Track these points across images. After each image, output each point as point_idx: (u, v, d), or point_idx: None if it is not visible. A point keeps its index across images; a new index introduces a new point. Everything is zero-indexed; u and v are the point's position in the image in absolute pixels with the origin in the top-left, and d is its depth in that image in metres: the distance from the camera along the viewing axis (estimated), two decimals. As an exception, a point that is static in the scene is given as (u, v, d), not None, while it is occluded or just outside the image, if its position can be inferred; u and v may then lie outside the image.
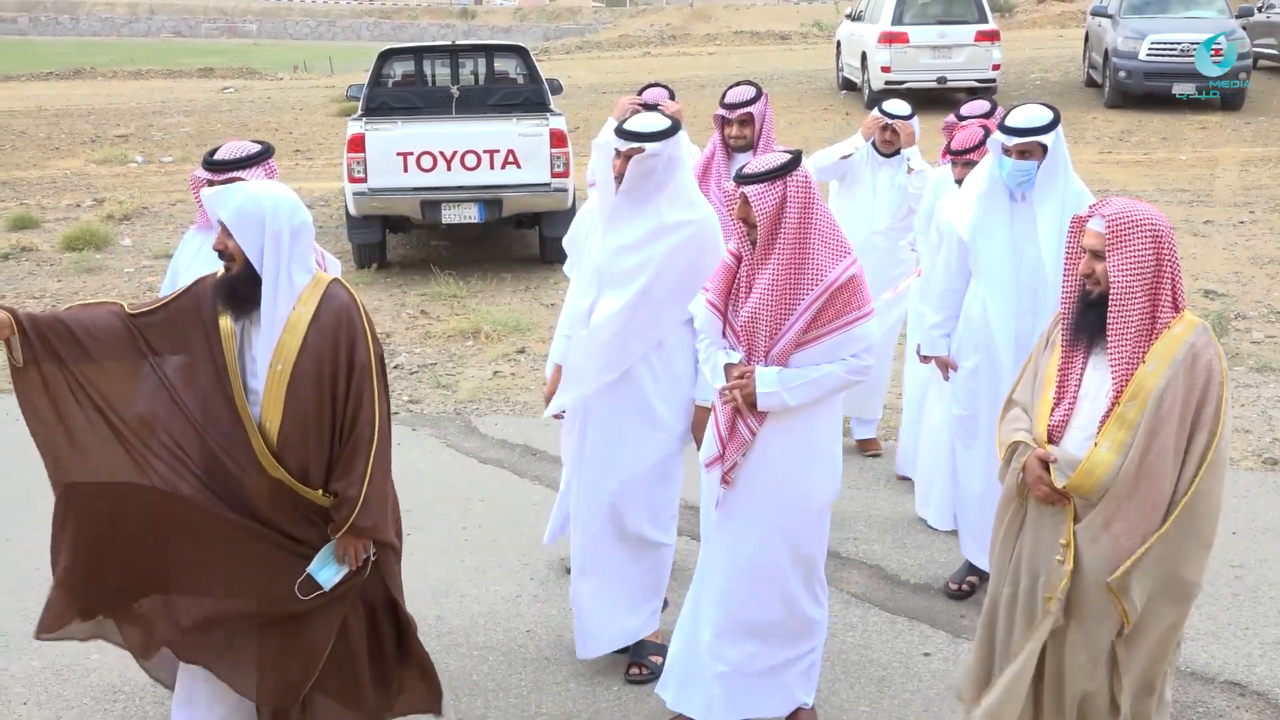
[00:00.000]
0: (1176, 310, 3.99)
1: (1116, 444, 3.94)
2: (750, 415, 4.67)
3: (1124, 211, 3.97)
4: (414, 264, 13.58)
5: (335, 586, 4.34)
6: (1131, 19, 21.32)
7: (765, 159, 4.65)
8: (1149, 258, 3.93)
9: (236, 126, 22.57)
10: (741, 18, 51.72)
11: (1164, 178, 16.61)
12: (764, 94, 6.77)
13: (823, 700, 5.28)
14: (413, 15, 76.68)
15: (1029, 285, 5.70)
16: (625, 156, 5.09)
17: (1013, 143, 5.62)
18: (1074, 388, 4.09)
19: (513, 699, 5.35)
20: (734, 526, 4.81)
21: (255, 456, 4.24)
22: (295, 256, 4.25)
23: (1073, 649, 4.11)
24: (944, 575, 6.35)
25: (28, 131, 22.14)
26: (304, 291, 4.27)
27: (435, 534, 6.95)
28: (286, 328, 4.23)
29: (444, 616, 6.03)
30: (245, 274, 4.22)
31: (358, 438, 4.26)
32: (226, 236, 4.22)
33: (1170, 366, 3.91)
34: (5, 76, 34.20)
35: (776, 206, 4.53)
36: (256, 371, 4.27)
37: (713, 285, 4.78)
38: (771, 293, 4.56)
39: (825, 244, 4.57)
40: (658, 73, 25.90)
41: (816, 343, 4.60)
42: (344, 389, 4.25)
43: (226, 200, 4.21)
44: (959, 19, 21.89)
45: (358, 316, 4.31)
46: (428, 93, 13.84)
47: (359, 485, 4.24)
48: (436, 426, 8.69)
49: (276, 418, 4.23)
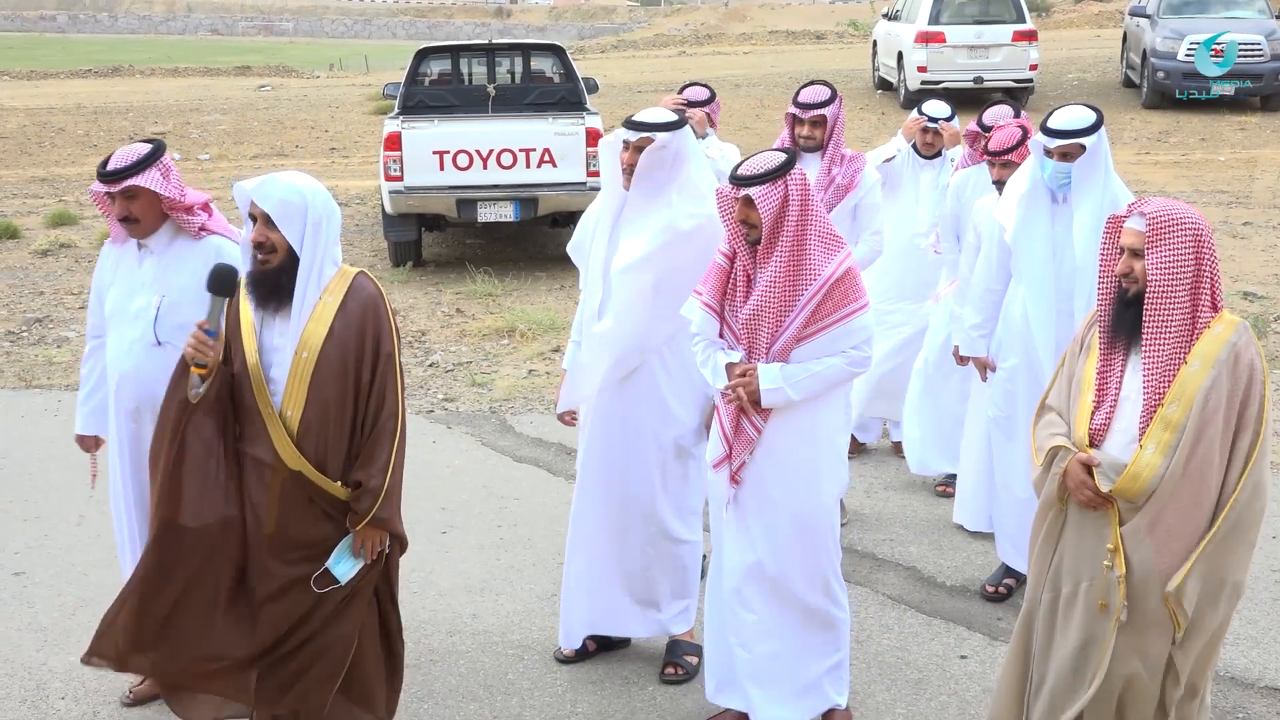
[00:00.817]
0: (1215, 310, 3.97)
1: (1162, 446, 3.91)
2: (755, 413, 4.68)
3: (1164, 210, 3.94)
4: (449, 262, 13.61)
5: (350, 580, 4.34)
6: (1170, 19, 21.18)
7: (761, 159, 4.65)
8: (1189, 256, 3.90)
9: (273, 124, 22.68)
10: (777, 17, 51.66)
11: (1202, 179, 16.50)
12: (838, 96, 6.76)
13: (858, 702, 5.26)
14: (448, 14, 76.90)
15: (1068, 288, 5.67)
16: (636, 148, 5.12)
17: (1054, 144, 5.58)
18: (1114, 390, 4.06)
19: (548, 698, 5.35)
20: (746, 526, 4.81)
21: (274, 447, 4.25)
22: (329, 245, 4.31)
23: (1123, 655, 4.07)
24: (981, 577, 6.32)
25: (67, 129, 22.29)
26: (330, 282, 4.31)
27: (471, 532, 6.96)
28: (313, 316, 4.26)
29: (479, 615, 6.03)
30: (286, 264, 4.25)
31: (381, 428, 4.29)
32: (268, 229, 4.23)
33: (1214, 367, 3.89)
34: (45, 74, 34.46)
35: (779, 206, 4.56)
36: (278, 361, 4.29)
37: (706, 287, 4.78)
38: (773, 290, 4.59)
39: (821, 240, 4.61)
40: (693, 72, 25.88)
41: (816, 337, 4.62)
42: (368, 379, 4.28)
43: (266, 193, 4.22)
44: (996, 19, 21.81)
45: (384, 308, 4.35)
46: (464, 91, 13.87)
47: (382, 475, 4.26)
48: (472, 425, 8.70)
49: (299, 406, 4.25)
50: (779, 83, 25.10)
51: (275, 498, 4.27)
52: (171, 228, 5.00)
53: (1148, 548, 3.95)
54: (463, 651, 5.70)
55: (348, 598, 4.41)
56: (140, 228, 4.95)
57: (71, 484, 7.16)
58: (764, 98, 23.49)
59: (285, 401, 4.26)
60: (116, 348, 5.03)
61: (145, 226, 4.96)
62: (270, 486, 4.27)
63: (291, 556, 4.31)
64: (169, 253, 4.99)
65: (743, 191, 4.57)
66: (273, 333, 4.32)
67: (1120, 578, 3.99)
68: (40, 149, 20.76)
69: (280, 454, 4.24)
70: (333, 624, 4.40)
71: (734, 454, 4.75)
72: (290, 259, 4.24)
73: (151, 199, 4.91)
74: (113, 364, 5.04)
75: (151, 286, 4.96)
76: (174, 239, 5.00)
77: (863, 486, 7.49)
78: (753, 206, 4.56)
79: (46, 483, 7.55)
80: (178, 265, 4.95)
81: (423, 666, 5.49)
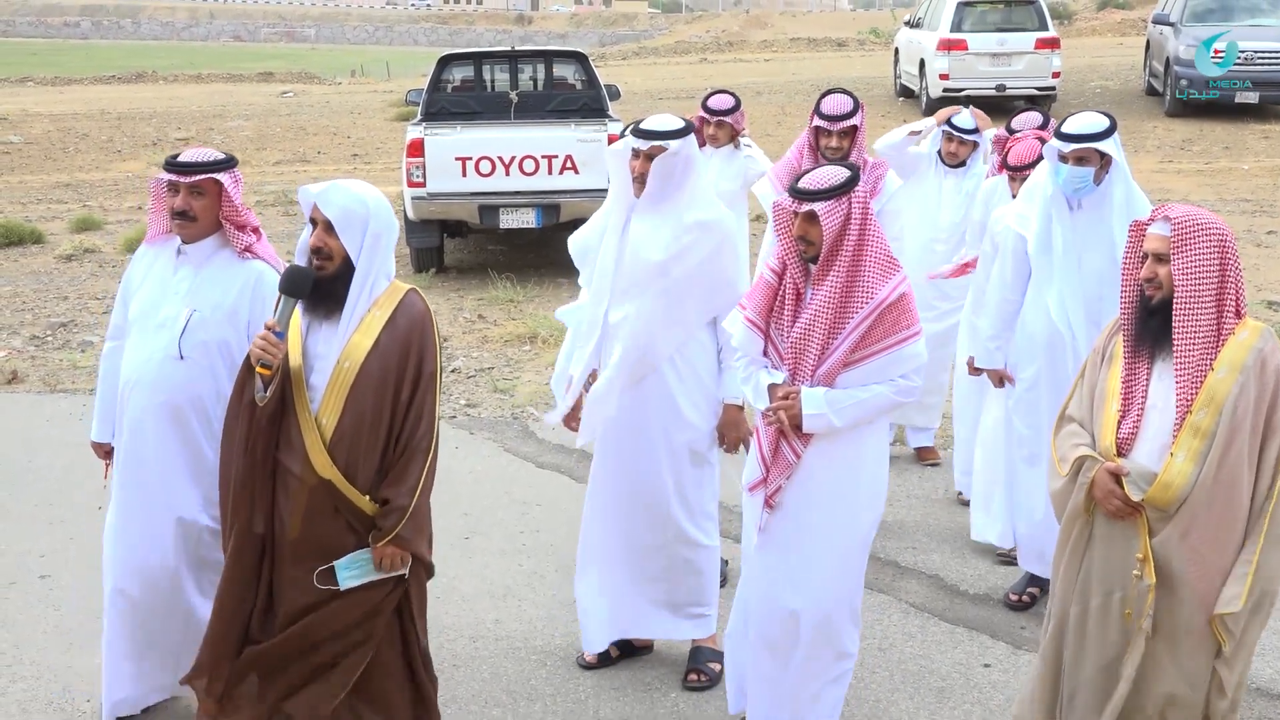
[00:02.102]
0: (1239, 317, 3.96)
1: (1193, 454, 3.90)
2: (795, 437, 4.53)
3: (1189, 215, 3.94)
4: (471, 268, 13.65)
5: (357, 590, 4.33)
6: (1194, 27, 21.11)
7: (824, 174, 4.49)
8: (1214, 262, 3.90)
9: (295, 130, 22.76)
10: (798, 24, 51.65)
11: (1226, 187, 16.45)
12: (862, 105, 6.75)
13: (882, 710, 5.26)
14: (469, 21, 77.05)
15: (1094, 293, 5.66)
16: (647, 156, 5.11)
17: (1069, 149, 5.58)
18: (1140, 398, 4.04)
19: (571, 704, 5.35)
20: (775, 551, 4.68)
21: (306, 454, 4.25)
22: (385, 258, 4.31)
23: (1162, 672, 4.03)
24: (1004, 586, 6.31)
25: (90, 134, 22.40)
26: (381, 295, 4.31)
27: (493, 538, 6.97)
28: (359, 327, 4.26)
29: (502, 620, 6.04)
30: (341, 272, 4.25)
31: (415, 448, 4.28)
32: (328, 235, 4.23)
33: (1241, 373, 3.88)
34: (69, 79, 34.64)
35: (841, 224, 4.40)
36: (319, 368, 4.30)
37: (751, 303, 4.64)
38: (826, 310, 4.43)
39: (878, 262, 4.45)
40: (715, 79, 25.90)
41: (865, 362, 4.48)
42: (407, 396, 4.27)
43: (329, 199, 4.23)
44: (1019, 26, 21.78)
45: (430, 328, 4.35)
46: (487, 98, 13.90)
47: (410, 496, 4.25)
48: (494, 430, 8.71)
49: (334, 415, 4.26)
50: (800, 90, 25.10)
51: (301, 504, 4.27)
52: (217, 240, 4.88)
53: (1181, 559, 3.94)
54: (485, 657, 5.71)
55: (369, 614, 4.39)
56: (194, 228, 4.83)
57: (96, 487, 7.17)
58: (785, 105, 23.50)
59: (322, 409, 4.27)
60: (136, 354, 4.91)
61: (199, 229, 4.84)
62: (297, 493, 4.28)
63: (313, 565, 4.31)
64: (208, 266, 4.87)
65: (806, 206, 4.42)
66: (318, 339, 4.32)
67: (1150, 587, 3.97)
68: (65, 154, 20.87)
69: (312, 461, 4.24)
70: (346, 636, 4.39)
71: (770, 478, 4.61)
72: (346, 267, 4.24)
73: (214, 201, 4.81)
74: (129, 370, 4.92)
75: (184, 298, 4.85)
76: (216, 253, 4.88)
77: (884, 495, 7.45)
78: (815, 223, 4.39)
79: (71, 486, 7.59)
80: (214, 281, 4.86)
81: (446, 672, 5.49)
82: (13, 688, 5.50)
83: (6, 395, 9.61)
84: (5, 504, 7.46)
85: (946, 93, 20.75)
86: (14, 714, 5.31)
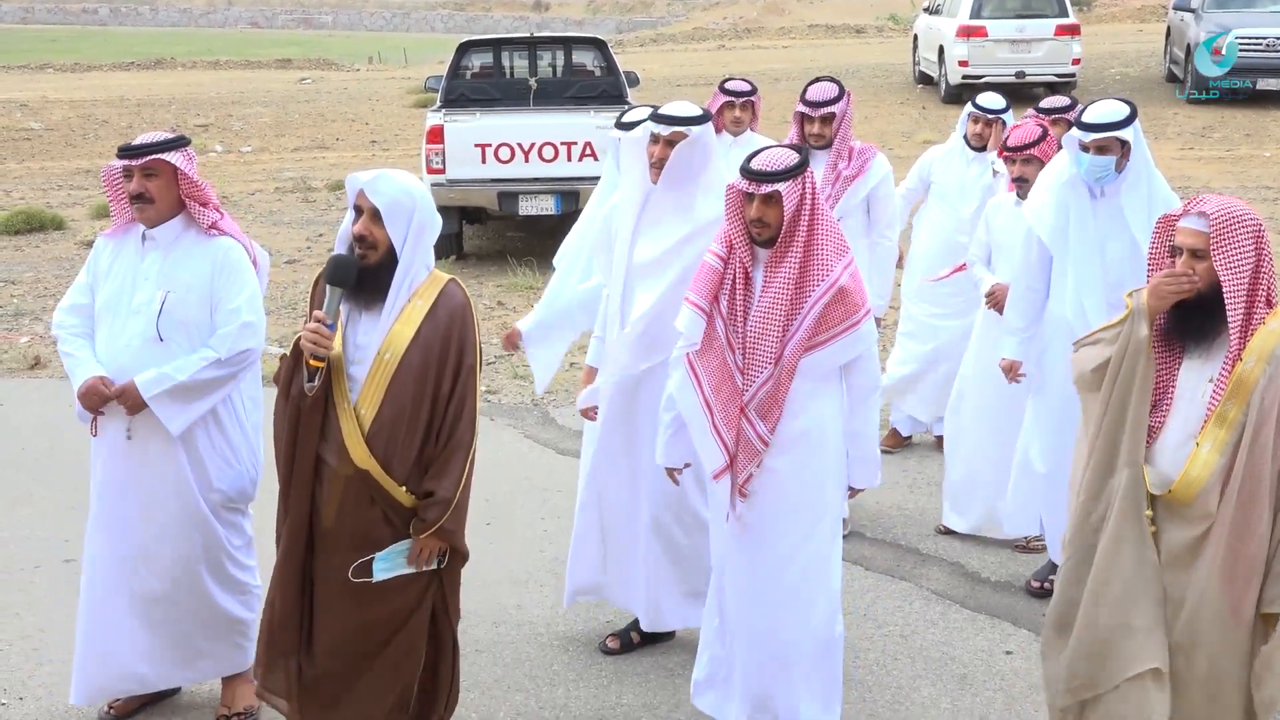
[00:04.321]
0: (1269, 307, 3.92)
1: (1219, 443, 3.87)
2: (758, 420, 4.51)
3: (1226, 208, 3.89)
4: (490, 255, 13.66)
5: (392, 579, 4.33)
6: (1215, 13, 20.99)
7: (775, 156, 4.49)
8: (1250, 254, 3.86)
9: (314, 117, 22.80)
10: (815, 11, 51.44)
11: (1248, 174, 16.37)
12: (847, 93, 6.70)
13: (904, 697, 5.27)
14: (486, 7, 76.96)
15: (1115, 279, 5.62)
16: (668, 142, 5.10)
17: (1090, 138, 5.56)
18: (1169, 390, 4.00)
19: (594, 689, 5.37)
20: (751, 540, 4.65)
21: (343, 443, 4.24)
22: (427, 250, 4.32)
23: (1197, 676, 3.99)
24: (1025, 573, 6.30)
25: (110, 121, 22.48)
26: (421, 285, 4.31)
27: (514, 525, 6.98)
28: (400, 318, 4.25)
29: (524, 606, 6.06)
30: (384, 262, 4.24)
31: (457, 441, 4.27)
32: (374, 224, 4.22)
33: (1269, 363, 3.84)
34: (88, 66, 34.69)
35: (798, 203, 4.42)
36: (359, 358, 4.29)
37: (696, 288, 4.61)
38: (786, 291, 4.43)
39: (831, 241, 4.48)
40: (732, 66, 25.85)
41: (828, 345, 4.49)
42: (448, 388, 4.26)
43: (378, 189, 4.23)
44: (1038, 13, 21.73)
45: (470, 319, 4.34)
46: (506, 84, 13.89)
47: (454, 488, 4.25)
48: (514, 417, 8.73)
49: (374, 405, 4.24)
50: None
51: (337, 494, 4.27)
52: (182, 221, 4.87)
53: (1205, 546, 3.90)
54: (508, 642, 5.73)
55: (413, 611, 4.40)
56: (153, 211, 4.81)
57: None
58: (804, 92, 23.40)
59: (361, 399, 4.26)
60: (111, 343, 4.85)
61: (158, 211, 4.81)
62: (333, 483, 4.27)
63: (347, 555, 4.30)
64: (175, 248, 4.85)
65: (766, 188, 4.42)
66: (358, 329, 4.31)
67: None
68: (84, 141, 20.94)
69: (350, 451, 4.23)
70: (398, 635, 4.40)
71: (739, 466, 4.57)
72: (389, 257, 4.23)
73: (170, 182, 4.80)
74: (106, 361, 4.84)
75: (155, 281, 4.82)
76: (182, 233, 4.87)
77: (906, 481, 7.48)
78: (774, 204, 4.41)
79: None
80: (184, 261, 4.84)
81: (468, 657, 5.50)
82: (40, 670, 5.54)
83: (29, 380, 9.65)
84: (29, 489, 7.50)
85: (966, 79, 20.70)
86: (41, 696, 5.36)
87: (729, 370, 4.54)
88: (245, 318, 4.83)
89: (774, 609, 4.67)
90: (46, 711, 5.25)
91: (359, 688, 4.40)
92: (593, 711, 5.22)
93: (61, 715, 5.22)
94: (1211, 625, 3.92)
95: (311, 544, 4.36)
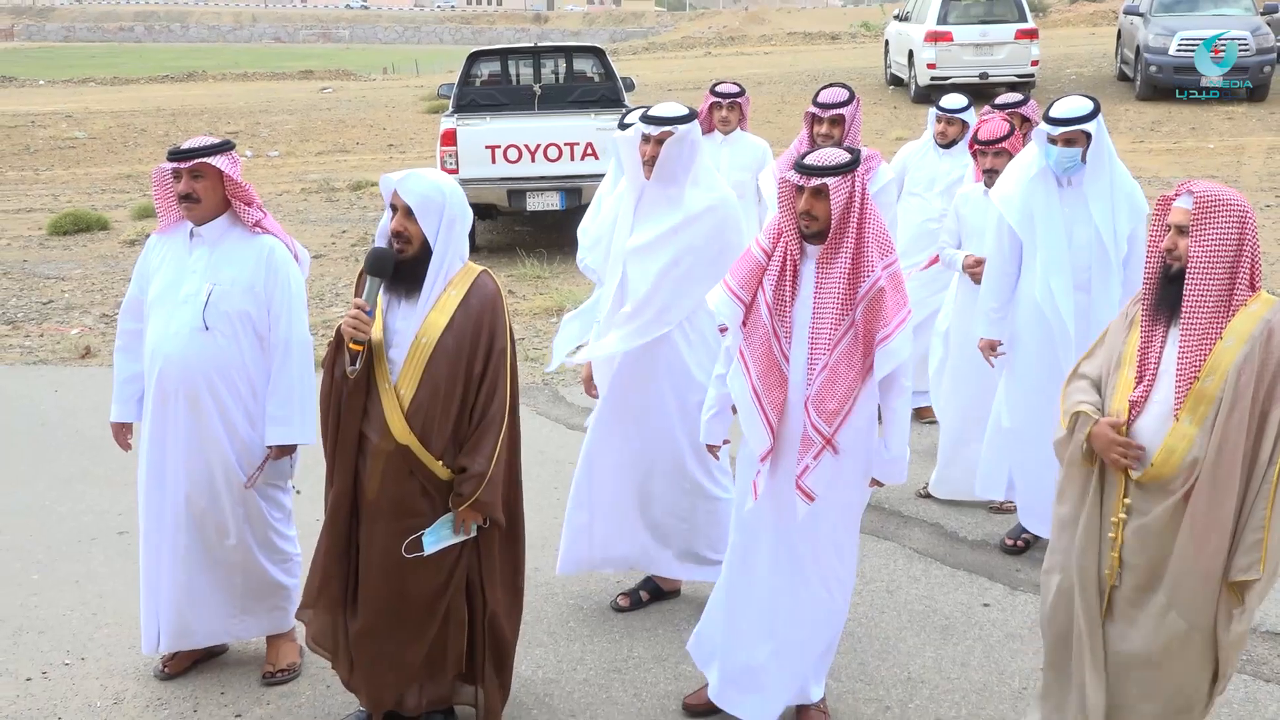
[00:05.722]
0: (1253, 289, 3.82)
1: (1198, 418, 3.78)
2: (819, 417, 4.23)
3: (1211, 191, 3.82)
4: (501, 248, 13.64)
5: (439, 553, 4.32)
6: (1162, 17, 21.01)
7: (827, 153, 4.32)
8: (1231, 237, 3.77)
9: (335, 123, 22.74)
10: (793, 20, 51.38)
11: (1193, 165, 16.36)
12: (856, 98, 6.71)
13: (890, 647, 5.28)
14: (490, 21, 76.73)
15: (1083, 262, 5.64)
16: (657, 141, 5.10)
17: (1058, 132, 5.57)
18: (1154, 364, 3.90)
19: (607, 643, 5.37)
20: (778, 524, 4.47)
21: (385, 420, 4.25)
22: (460, 242, 4.32)
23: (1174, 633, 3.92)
24: (999, 532, 6.31)
25: (148, 129, 22.41)
26: (456, 276, 4.31)
27: (530, 493, 6.83)
28: (435, 306, 4.26)
29: (541, 568, 6.05)
30: (420, 255, 4.25)
31: (490, 419, 4.27)
32: (408, 220, 4.23)
33: (1247, 342, 3.75)
34: (126, 80, 34.61)
35: (847, 200, 4.23)
36: (398, 343, 4.29)
37: (735, 275, 4.41)
38: (842, 283, 4.23)
39: (877, 239, 4.30)
40: (718, 71, 25.81)
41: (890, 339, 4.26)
42: (480, 370, 4.26)
43: (409, 188, 4.23)
44: (1000, 18, 21.71)
45: (501, 307, 4.34)
46: (512, 90, 13.89)
47: (486, 462, 4.24)
48: (527, 396, 8.71)
49: (412, 385, 4.25)
50: (798, 80, 25.02)
51: (379, 468, 4.27)
52: (228, 219, 4.86)
53: (1178, 521, 3.85)
54: (527, 602, 5.64)
55: (450, 576, 4.38)
56: (200, 210, 4.80)
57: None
58: (784, 94, 23.43)
59: (400, 380, 4.25)
60: (161, 332, 4.83)
61: (205, 210, 4.80)
62: (375, 457, 4.28)
63: (390, 525, 4.30)
64: (221, 244, 4.84)
65: (815, 181, 4.22)
66: (396, 316, 4.31)
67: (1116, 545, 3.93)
68: (125, 148, 20.89)
69: (390, 427, 4.23)
70: (436, 599, 4.38)
71: (800, 459, 4.30)
72: (424, 250, 4.24)
73: (216, 183, 4.79)
74: (156, 348, 4.84)
75: (202, 274, 4.81)
76: (228, 230, 4.86)
77: (888, 450, 7.45)
78: (822, 198, 4.22)
79: (143, 451, 7.60)
80: (228, 258, 4.83)
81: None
82: (99, 634, 5.54)
83: (81, 369, 9.65)
84: (86, 468, 7.49)
85: (934, 80, 20.67)
86: (100, 657, 5.36)
87: (774, 358, 4.34)
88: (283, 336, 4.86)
89: (790, 592, 4.53)
90: (105, 670, 5.25)
91: (397, 644, 4.40)
92: (607, 663, 5.22)
93: (119, 673, 5.22)
94: (1183, 588, 3.87)
95: (356, 513, 4.36)
